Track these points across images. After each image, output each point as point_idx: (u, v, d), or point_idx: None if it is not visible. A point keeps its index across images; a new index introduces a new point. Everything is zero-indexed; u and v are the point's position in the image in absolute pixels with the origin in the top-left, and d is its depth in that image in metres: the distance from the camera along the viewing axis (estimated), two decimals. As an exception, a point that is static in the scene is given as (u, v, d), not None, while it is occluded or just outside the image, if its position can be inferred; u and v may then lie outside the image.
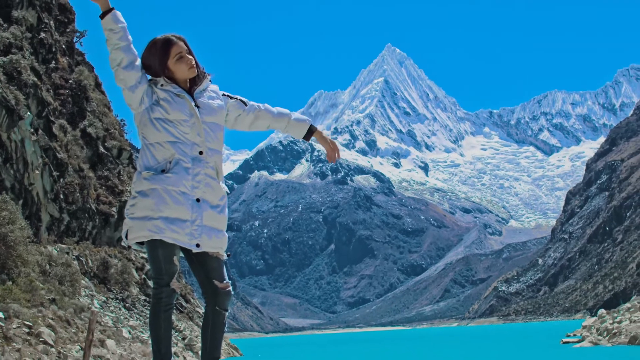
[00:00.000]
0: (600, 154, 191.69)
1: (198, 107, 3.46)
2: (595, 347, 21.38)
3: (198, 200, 3.39)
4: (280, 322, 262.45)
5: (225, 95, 3.63)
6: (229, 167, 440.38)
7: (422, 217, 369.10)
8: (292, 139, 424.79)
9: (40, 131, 17.24)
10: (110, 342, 13.56)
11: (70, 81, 21.79)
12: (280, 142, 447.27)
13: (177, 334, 20.00)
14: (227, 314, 3.55)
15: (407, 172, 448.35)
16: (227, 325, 3.61)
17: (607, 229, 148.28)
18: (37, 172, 16.88)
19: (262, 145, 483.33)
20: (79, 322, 13.43)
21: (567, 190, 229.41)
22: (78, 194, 19.64)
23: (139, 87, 3.37)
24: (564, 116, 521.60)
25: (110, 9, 3.32)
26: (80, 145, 21.01)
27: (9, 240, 12.37)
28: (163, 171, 3.37)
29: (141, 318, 18.60)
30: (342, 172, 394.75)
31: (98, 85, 25.46)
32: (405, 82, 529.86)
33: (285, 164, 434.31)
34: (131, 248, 4.55)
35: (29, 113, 16.29)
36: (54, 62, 20.80)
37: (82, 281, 17.34)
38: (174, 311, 15.18)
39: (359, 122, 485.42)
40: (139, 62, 3.38)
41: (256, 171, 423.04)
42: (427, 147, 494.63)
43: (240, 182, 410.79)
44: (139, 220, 3.35)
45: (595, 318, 26.48)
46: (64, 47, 22.32)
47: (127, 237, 3.41)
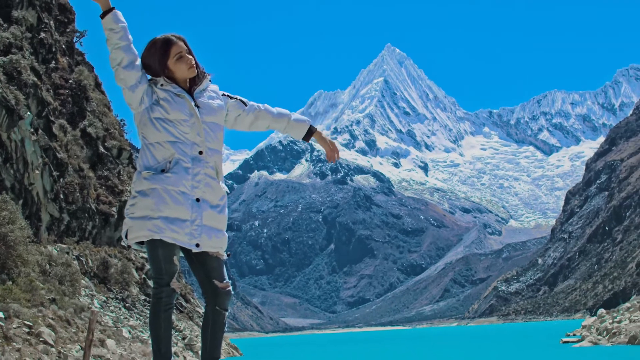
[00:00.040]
0: (599, 154, 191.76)
1: (198, 107, 3.47)
2: (594, 346, 21.38)
3: (198, 200, 3.39)
4: (280, 322, 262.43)
5: (225, 95, 3.63)
6: (229, 167, 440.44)
7: (421, 217, 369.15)
8: (292, 139, 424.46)
9: (40, 131, 17.24)
10: (110, 342, 13.56)
11: (70, 81, 21.79)
12: (280, 142, 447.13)
13: (177, 333, 20.00)
14: (227, 313, 3.55)
15: (406, 172, 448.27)
16: (227, 325, 3.62)
17: (606, 228, 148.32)
18: (37, 172, 16.88)
19: (262, 145, 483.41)
20: (79, 321, 13.43)
21: (566, 190, 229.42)
22: (78, 194, 19.65)
23: (139, 87, 3.37)
24: (564, 116, 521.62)
25: (110, 9, 3.33)
26: (80, 145, 21.01)
27: (9, 240, 12.37)
28: (163, 171, 3.37)
29: (141, 318, 18.60)
30: (342, 172, 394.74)
31: (98, 85, 25.47)
32: (405, 82, 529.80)
33: (285, 163, 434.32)
34: (131, 248, 4.55)
35: (29, 113, 16.29)
36: (54, 62, 20.81)
37: (82, 281, 17.34)
38: (174, 311, 15.16)
39: (358, 122, 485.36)
40: (139, 61, 3.39)
41: (256, 171, 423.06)
42: (427, 147, 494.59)
43: (240, 182, 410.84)
44: (138, 220, 3.36)
45: (594, 318, 26.49)
46: (64, 47, 22.33)
47: (127, 236, 3.42)
